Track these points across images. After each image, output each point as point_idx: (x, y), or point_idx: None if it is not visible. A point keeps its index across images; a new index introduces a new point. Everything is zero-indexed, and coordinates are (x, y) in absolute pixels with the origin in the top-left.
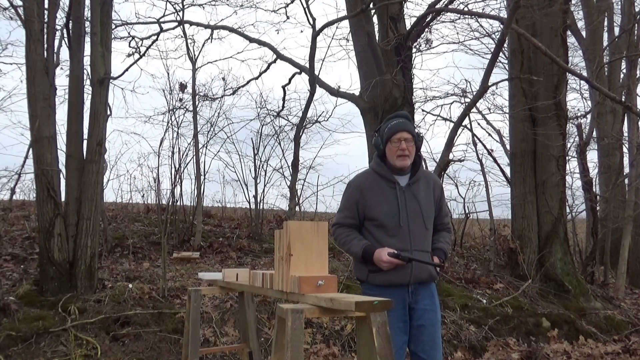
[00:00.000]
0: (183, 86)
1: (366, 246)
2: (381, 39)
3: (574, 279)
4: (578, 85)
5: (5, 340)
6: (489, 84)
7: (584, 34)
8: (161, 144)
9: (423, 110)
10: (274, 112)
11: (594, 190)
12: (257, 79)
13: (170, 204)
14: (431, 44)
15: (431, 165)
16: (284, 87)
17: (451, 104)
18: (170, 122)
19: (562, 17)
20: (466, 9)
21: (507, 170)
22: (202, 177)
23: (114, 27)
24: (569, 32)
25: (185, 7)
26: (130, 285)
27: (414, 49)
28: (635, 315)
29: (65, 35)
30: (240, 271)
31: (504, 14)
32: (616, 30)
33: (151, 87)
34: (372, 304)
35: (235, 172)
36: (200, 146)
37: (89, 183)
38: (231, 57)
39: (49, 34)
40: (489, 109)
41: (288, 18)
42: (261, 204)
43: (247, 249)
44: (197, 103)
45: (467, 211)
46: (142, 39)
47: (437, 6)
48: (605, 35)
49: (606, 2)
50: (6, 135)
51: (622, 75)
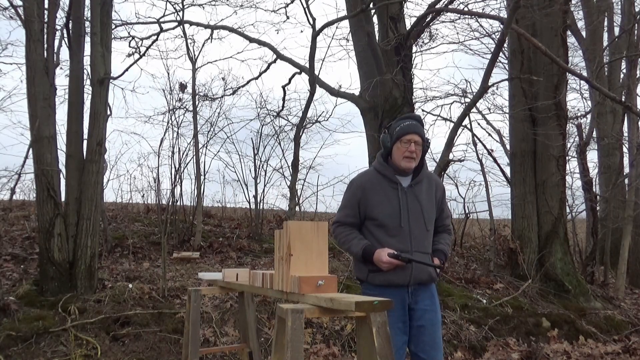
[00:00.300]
0: (183, 86)
1: (366, 246)
2: (381, 39)
3: (574, 279)
4: (578, 85)
5: (5, 340)
6: (489, 84)
7: (584, 34)
8: (161, 144)
9: (423, 110)
10: (274, 112)
11: (594, 190)
12: (257, 79)
13: (170, 204)
14: (435, 39)
15: (431, 165)
16: (284, 87)
17: (451, 104)
18: (170, 122)
19: (562, 17)
20: (466, 9)
21: (507, 170)
22: (202, 177)
23: (114, 27)
24: (569, 32)
25: (185, 7)
26: (130, 285)
27: (416, 45)
28: (635, 315)
29: (65, 35)
30: (240, 271)
31: (504, 14)
32: (616, 30)
33: (151, 87)
34: (372, 304)
35: (235, 172)
36: (200, 146)
37: (89, 183)
38: (231, 57)
39: (49, 34)
40: (489, 109)
41: (288, 18)
42: (261, 204)
43: (247, 249)
44: (197, 103)
45: (467, 211)
46: (142, 39)
47: (437, 6)
48: (605, 35)
49: (606, 2)
50: (6, 135)
51: (622, 75)
